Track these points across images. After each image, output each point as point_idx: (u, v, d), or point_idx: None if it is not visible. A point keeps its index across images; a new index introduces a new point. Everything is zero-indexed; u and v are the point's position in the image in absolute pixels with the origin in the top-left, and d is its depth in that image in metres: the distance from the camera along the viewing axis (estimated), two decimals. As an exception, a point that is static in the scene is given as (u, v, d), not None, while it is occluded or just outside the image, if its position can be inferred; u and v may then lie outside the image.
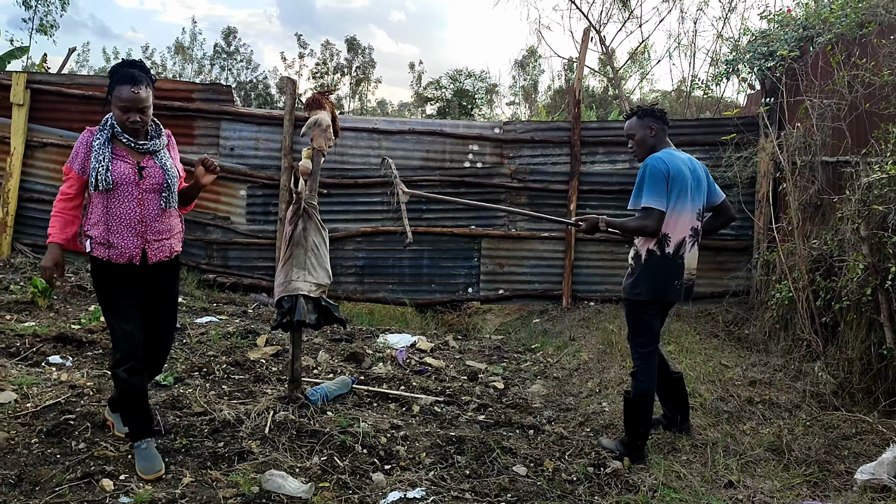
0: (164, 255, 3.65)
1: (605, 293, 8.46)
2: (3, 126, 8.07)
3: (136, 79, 3.39)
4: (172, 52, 52.47)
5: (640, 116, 4.13)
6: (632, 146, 4.18)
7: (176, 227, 3.74)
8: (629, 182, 8.49)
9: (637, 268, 4.06)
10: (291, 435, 4.01)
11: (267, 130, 8.40)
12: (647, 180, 3.93)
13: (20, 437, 3.69)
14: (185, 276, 8.11)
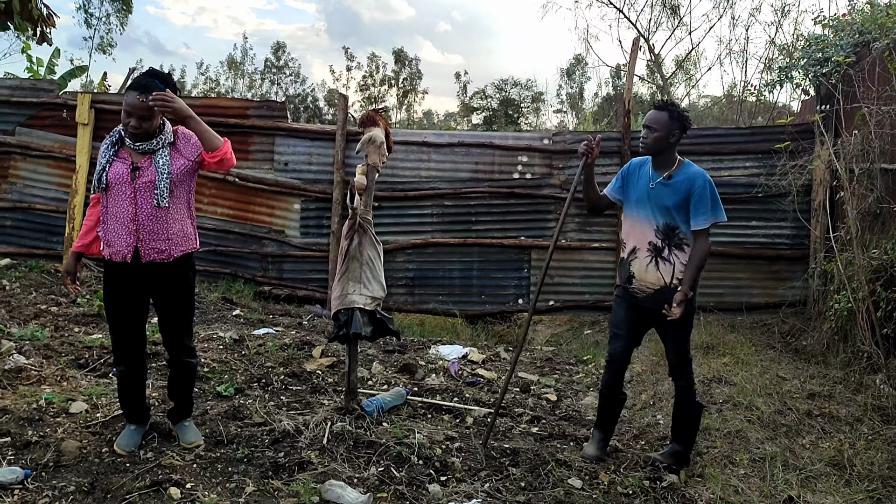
0: (160, 256, 3.67)
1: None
2: (70, 145, 8.41)
3: (145, 87, 3.55)
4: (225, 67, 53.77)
5: (671, 116, 3.99)
6: (647, 138, 4.00)
7: (177, 230, 3.71)
8: (681, 191, 8.42)
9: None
10: (349, 445, 4.09)
11: (320, 145, 8.58)
12: (714, 193, 3.93)
13: (91, 447, 3.84)
14: (242, 288, 8.33)
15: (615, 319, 4.26)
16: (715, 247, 8.31)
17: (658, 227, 3.98)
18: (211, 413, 4.42)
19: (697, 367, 6.04)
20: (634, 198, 4.11)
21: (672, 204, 3.94)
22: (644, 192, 4.05)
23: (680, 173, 3.98)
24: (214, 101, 9.20)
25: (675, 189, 3.95)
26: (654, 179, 4.03)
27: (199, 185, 8.33)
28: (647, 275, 4.03)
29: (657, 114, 4.02)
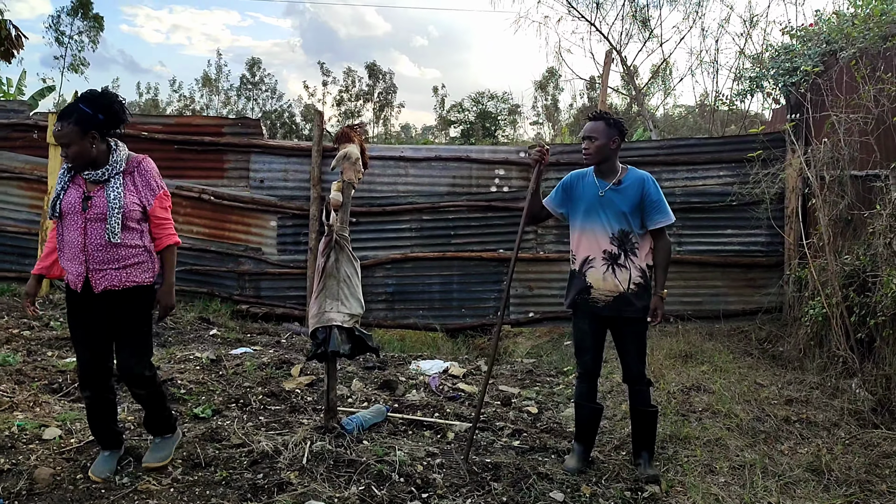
0: (112, 284, 3.57)
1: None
2: (41, 166, 8.31)
3: (66, 114, 3.46)
4: (200, 84, 53.46)
5: (608, 124, 4.05)
6: (588, 148, 4.05)
7: (129, 258, 3.59)
8: (656, 201, 8.49)
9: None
10: (329, 465, 4.05)
11: (295, 162, 8.56)
12: (662, 193, 4.05)
13: (66, 473, 3.77)
14: (219, 307, 8.25)
15: (579, 334, 4.29)
16: (691, 255, 8.41)
17: (613, 234, 4.03)
18: (188, 435, 4.35)
19: (676, 375, 6.08)
20: (583, 208, 4.13)
21: (628, 208, 4.00)
22: (594, 201, 4.08)
23: (627, 178, 4.06)
24: (189, 120, 9.14)
25: (628, 193, 4.01)
26: (602, 187, 4.07)
27: (174, 203, 8.27)
28: (605, 283, 4.07)
29: (594, 124, 4.07)
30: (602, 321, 4.18)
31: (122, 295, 3.61)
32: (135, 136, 8.41)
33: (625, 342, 4.19)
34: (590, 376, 4.27)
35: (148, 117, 9.25)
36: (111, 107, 3.57)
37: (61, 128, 3.44)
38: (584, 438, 4.29)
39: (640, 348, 4.19)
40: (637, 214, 4.01)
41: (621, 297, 4.04)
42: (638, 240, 4.03)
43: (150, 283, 3.70)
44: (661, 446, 4.58)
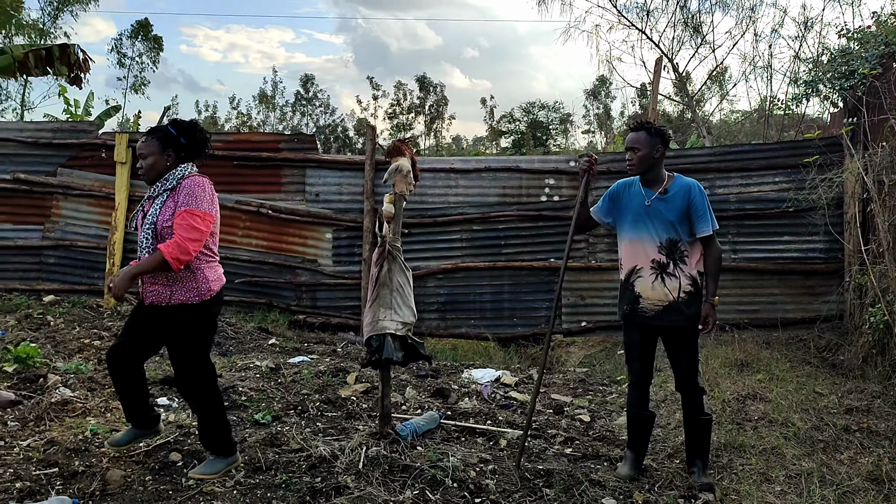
0: (157, 300, 3.73)
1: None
2: (109, 183, 8.69)
3: (151, 131, 3.87)
4: (257, 101, 54.75)
5: (650, 133, 4.06)
6: (631, 159, 4.08)
7: (174, 276, 3.70)
8: (709, 209, 8.41)
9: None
10: (384, 470, 4.15)
11: (349, 175, 8.75)
12: (708, 201, 4.04)
13: (135, 475, 3.95)
14: (277, 317, 8.49)
15: (629, 343, 4.32)
16: (747, 263, 8.30)
17: (661, 244, 4.03)
18: (249, 440, 4.52)
19: (732, 384, 6.01)
20: (631, 218, 4.15)
21: (675, 217, 4.00)
22: (641, 210, 4.09)
23: (674, 186, 4.06)
24: (247, 136, 9.44)
25: (674, 201, 4.01)
26: (648, 197, 4.08)
27: (234, 217, 8.58)
28: (654, 293, 4.07)
29: (636, 134, 4.09)
30: (652, 330, 4.19)
31: (167, 311, 3.78)
32: (196, 153, 8.74)
33: (676, 351, 4.20)
34: (640, 384, 4.29)
35: (208, 135, 9.58)
36: (195, 135, 3.86)
37: (146, 140, 3.79)
38: (637, 446, 4.30)
39: (692, 357, 4.17)
40: (685, 222, 4.01)
41: (671, 306, 4.05)
42: (687, 248, 4.03)
43: (196, 302, 3.76)
44: (716, 454, 4.56)
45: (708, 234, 4.00)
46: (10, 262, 8.80)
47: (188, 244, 3.59)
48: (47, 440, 4.30)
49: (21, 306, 7.97)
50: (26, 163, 8.86)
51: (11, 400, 4.92)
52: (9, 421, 4.61)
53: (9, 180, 8.79)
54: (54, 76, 11.96)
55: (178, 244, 3.57)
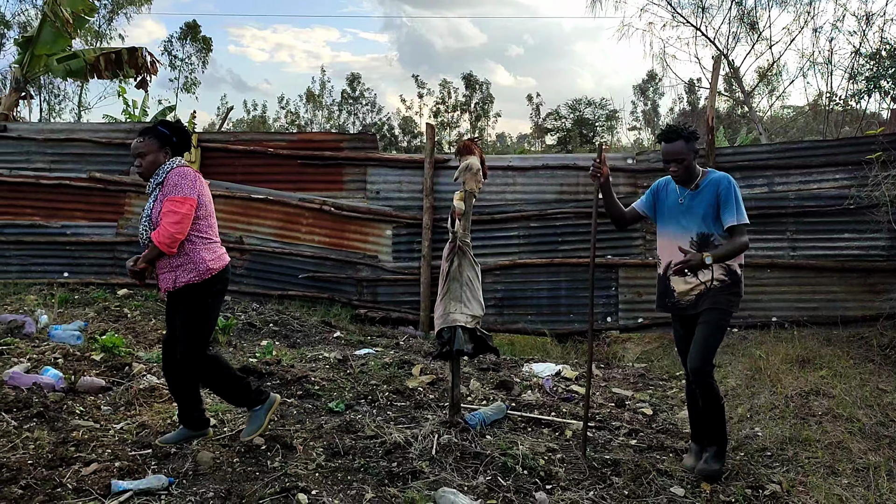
0: (167, 285, 4.10)
1: (749, 319, 8.34)
2: (179, 182, 9.03)
3: (142, 131, 4.15)
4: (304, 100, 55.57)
5: (688, 140, 4.09)
6: (676, 170, 4.11)
7: (174, 261, 4.05)
8: (767, 206, 8.42)
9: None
10: (456, 456, 4.32)
11: (409, 173, 8.96)
12: (738, 195, 4.07)
13: (224, 457, 4.19)
14: (340, 311, 8.74)
15: (675, 337, 4.52)
16: (806, 260, 8.27)
17: (693, 239, 4.12)
18: (326, 427, 4.73)
19: (794, 379, 6.03)
20: (667, 214, 4.28)
21: (704, 211, 4.09)
22: (675, 207, 4.22)
23: (705, 181, 4.14)
24: (310, 136, 9.72)
25: (704, 195, 4.10)
26: (681, 194, 4.19)
27: (297, 215, 8.87)
28: (686, 286, 4.17)
29: (674, 145, 4.09)
30: (690, 321, 4.28)
31: (177, 295, 4.12)
32: (262, 153, 9.06)
33: (696, 335, 4.19)
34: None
35: (273, 135, 9.90)
36: (182, 133, 4.24)
37: (143, 140, 4.10)
38: (699, 437, 4.39)
39: (706, 339, 4.11)
40: (715, 215, 4.08)
41: (702, 294, 4.14)
42: (721, 241, 4.08)
43: (198, 281, 4.08)
44: (781, 448, 4.62)
45: (733, 225, 4.02)
46: (85, 258, 9.22)
47: (171, 228, 3.93)
48: (139, 423, 4.57)
49: (98, 299, 8.36)
50: (101, 162, 9.27)
51: (101, 386, 5.23)
52: (102, 406, 4.91)
53: (85, 179, 9.20)
54: (122, 79, 12.47)
55: (163, 231, 3.94)
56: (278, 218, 9.08)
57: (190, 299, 4.12)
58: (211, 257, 4.15)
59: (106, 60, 11.47)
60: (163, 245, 3.95)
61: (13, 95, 11.47)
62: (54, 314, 7.38)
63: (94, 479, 3.77)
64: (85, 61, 11.40)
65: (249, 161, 9.13)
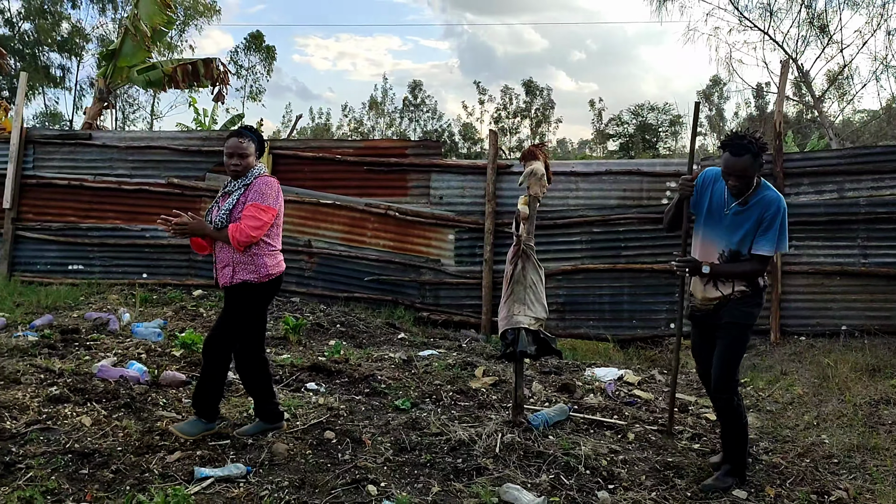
0: (224, 281, 4.34)
1: (817, 327, 8.20)
2: (251, 187, 9.39)
3: (241, 133, 4.39)
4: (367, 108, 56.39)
5: (754, 155, 3.84)
6: (736, 184, 3.91)
7: (237, 259, 4.29)
8: (837, 213, 8.27)
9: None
10: (520, 455, 4.43)
11: (472, 179, 9.11)
12: (785, 223, 3.93)
13: (297, 448, 4.40)
14: (403, 314, 8.94)
15: (693, 344, 4.48)
16: (878, 267, 8.09)
17: (723, 253, 4.03)
18: (392, 423, 4.90)
19: (863, 388, 5.94)
20: (708, 217, 4.11)
21: (745, 230, 3.95)
22: (718, 213, 4.05)
23: (756, 196, 3.95)
24: (376, 143, 9.99)
25: (750, 213, 3.95)
26: (729, 204, 4.00)
27: (363, 219, 9.13)
28: (706, 293, 4.11)
29: (741, 160, 3.84)
30: (708, 330, 4.23)
31: (232, 290, 4.36)
32: (330, 160, 9.35)
33: (716, 346, 4.15)
34: (705, 383, 4.38)
35: (341, 142, 10.22)
36: (260, 137, 4.54)
37: (243, 141, 4.33)
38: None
39: (727, 354, 4.07)
40: (751, 235, 3.96)
41: (722, 302, 4.07)
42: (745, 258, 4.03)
43: (255, 281, 4.32)
44: (848, 455, 4.58)
45: (765, 255, 3.92)
46: (163, 260, 9.67)
47: (249, 230, 4.20)
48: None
49: (175, 299, 8.76)
50: (178, 168, 9.71)
51: (182, 380, 5.52)
52: (183, 398, 5.19)
53: (163, 184, 9.65)
54: (195, 89, 13.00)
55: (241, 228, 4.19)
56: (345, 222, 9.34)
57: (242, 296, 4.37)
58: (272, 263, 4.40)
59: (183, 71, 12.00)
60: (235, 241, 4.20)
61: (97, 105, 12.11)
62: (136, 313, 7.77)
63: (178, 466, 4.02)
64: (163, 72, 11.96)
65: (318, 167, 9.43)
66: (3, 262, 9.76)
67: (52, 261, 9.87)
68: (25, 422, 4.48)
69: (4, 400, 4.78)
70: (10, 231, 9.79)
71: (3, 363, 5.59)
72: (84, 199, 9.83)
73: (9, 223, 9.79)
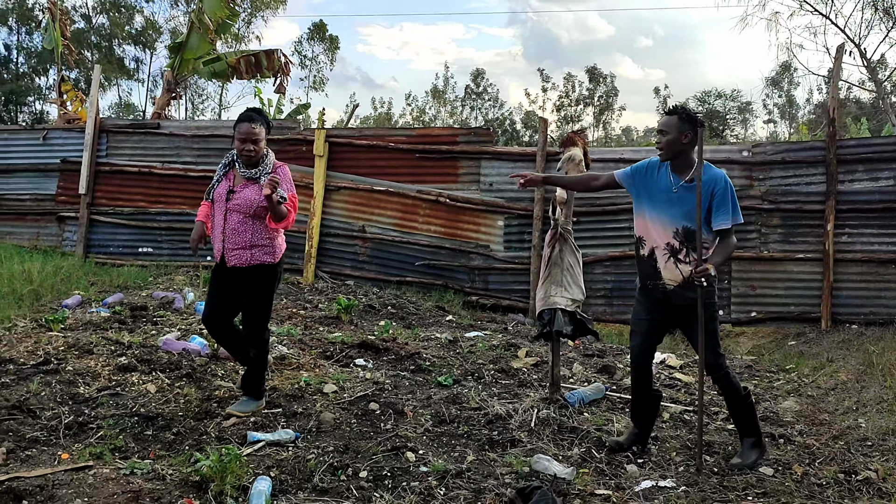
0: (241, 262, 4.46)
1: (870, 316, 8.09)
2: (308, 174, 9.76)
3: (252, 118, 4.40)
4: (429, 96, 56.72)
5: (681, 119, 4.08)
6: (660, 142, 4.14)
7: (257, 241, 4.46)
8: (893, 200, 8.11)
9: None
10: (553, 429, 4.62)
11: (522, 166, 9.26)
12: (734, 195, 4.04)
13: (343, 418, 4.68)
14: (452, 297, 9.18)
15: (633, 317, 4.44)
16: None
17: (677, 230, 4.07)
18: (434, 398, 5.15)
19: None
20: (655, 198, 4.16)
21: (692, 205, 3.99)
22: (666, 194, 4.10)
23: (703, 175, 4.02)
24: (428, 131, 10.23)
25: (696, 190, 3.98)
26: (675, 184, 4.08)
27: (415, 206, 9.40)
28: (668, 272, 4.13)
29: (667, 118, 4.13)
30: (663, 310, 4.25)
31: (249, 271, 4.51)
32: (383, 147, 9.63)
33: (691, 332, 4.23)
34: (637, 360, 4.39)
35: (394, 130, 10.51)
36: (268, 120, 4.65)
37: (256, 127, 4.41)
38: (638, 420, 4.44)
39: (710, 337, 4.15)
40: (704, 213, 4.00)
41: (684, 284, 4.09)
42: (707, 239, 4.07)
43: (272, 262, 4.54)
44: (882, 438, 4.62)
45: (725, 228, 4.00)
46: (226, 243, 10.12)
47: (290, 222, 4.50)
48: (271, 387, 5.13)
49: (236, 281, 9.20)
50: (240, 156, 10.13)
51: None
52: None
53: (226, 172, 10.10)
54: (259, 79, 13.45)
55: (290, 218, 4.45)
56: (397, 209, 9.62)
57: (264, 278, 4.57)
58: (281, 243, 4.67)
59: (246, 63, 12.46)
60: (282, 221, 4.40)
61: (165, 96, 12.69)
62: (199, 292, 8.22)
63: (232, 431, 4.35)
64: (227, 64, 12.44)
65: (372, 155, 9.72)
66: (79, 244, 10.41)
67: (124, 243, 10.47)
68: (97, 388, 4.90)
69: (79, 368, 5.22)
70: (85, 215, 10.41)
71: (78, 335, 6.06)
72: (153, 185, 10.37)
73: (84, 208, 10.42)
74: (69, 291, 8.21)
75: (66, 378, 5.01)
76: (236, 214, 4.48)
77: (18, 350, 5.60)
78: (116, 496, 3.41)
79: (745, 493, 3.80)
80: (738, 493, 3.80)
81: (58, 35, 13.19)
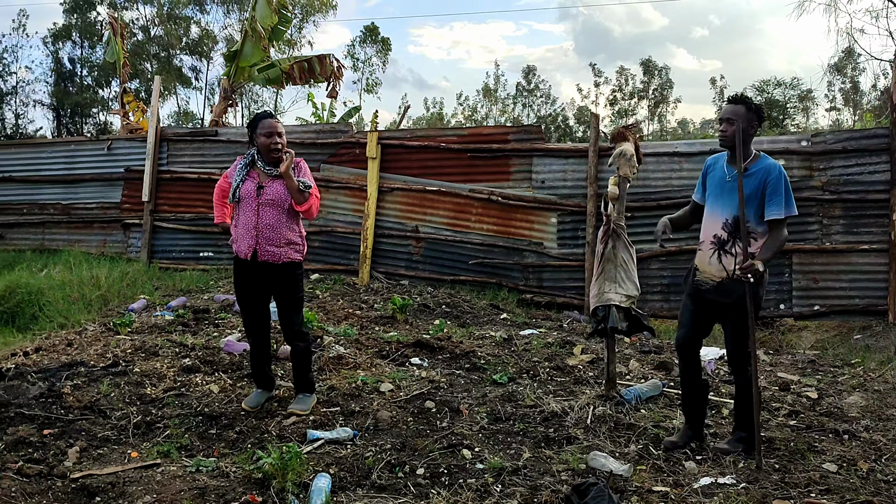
0: (273, 258, 4.54)
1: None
2: (362, 176, 9.90)
3: (271, 114, 4.67)
4: (481, 95, 56.68)
5: (749, 108, 4.05)
6: (725, 131, 4.06)
7: (289, 238, 4.59)
8: (964, 186, 7.80)
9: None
10: (610, 426, 4.60)
11: (573, 162, 9.21)
12: (789, 185, 4.00)
13: (399, 416, 4.76)
14: (506, 295, 9.20)
15: (681, 308, 4.47)
16: None
17: (727, 221, 4.06)
18: (489, 396, 5.18)
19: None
20: (711, 193, 4.20)
21: (747, 195, 3.97)
22: (719, 186, 4.13)
23: (756, 165, 4.04)
24: (479, 130, 10.22)
25: (751, 180, 4.00)
26: (729, 173, 4.08)
27: (467, 204, 9.43)
28: (710, 267, 4.12)
29: (734, 107, 4.07)
30: (706, 304, 4.24)
31: (280, 268, 4.61)
32: (435, 148, 9.70)
33: (726, 327, 4.25)
34: (683, 351, 4.39)
35: (445, 130, 10.56)
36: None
37: (278, 121, 4.63)
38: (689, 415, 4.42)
39: (737, 336, 4.17)
40: (755, 202, 3.99)
41: (725, 282, 4.08)
42: (754, 229, 4.02)
43: (300, 260, 4.70)
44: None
45: (778, 218, 3.96)
46: (283, 246, 10.33)
47: (314, 209, 4.66)
48: (329, 386, 5.25)
49: (294, 283, 9.39)
50: (295, 161, 10.33)
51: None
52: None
53: (282, 176, 10.31)
54: (312, 84, 13.67)
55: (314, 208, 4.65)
56: (450, 208, 9.68)
57: (294, 274, 4.70)
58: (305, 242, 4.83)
59: (299, 69, 12.69)
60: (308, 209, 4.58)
61: (222, 104, 13.02)
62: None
63: (292, 429, 4.47)
64: (281, 70, 12.69)
65: (424, 155, 9.80)
66: (143, 249, 10.77)
67: (186, 248, 10.80)
68: (163, 388, 5.09)
69: (146, 369, 5.43)
70: (148, 222, 10.77)
71: (144, 338, 6.29)
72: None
73: (147, 215, 10.78)
74: (135, 296, 8.53)
75: (133, 379, 5.22)
76: (270, 210, 4.56)
77: (89, 353, 5.85)
78: (183, 493, 3.55)
79: (807, 489, 3.73)
80: (801, 489, 3.73)
81: (119, 48, 13.66)
